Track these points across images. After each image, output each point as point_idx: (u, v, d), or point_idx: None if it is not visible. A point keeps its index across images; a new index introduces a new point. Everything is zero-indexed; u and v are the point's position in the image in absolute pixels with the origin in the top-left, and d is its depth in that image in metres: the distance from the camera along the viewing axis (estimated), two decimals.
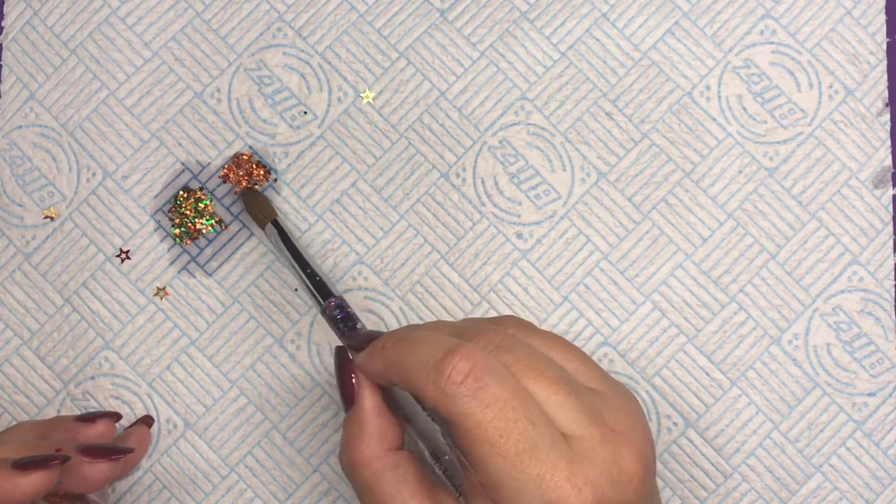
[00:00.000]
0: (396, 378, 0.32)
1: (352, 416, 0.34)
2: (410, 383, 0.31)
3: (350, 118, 0.43)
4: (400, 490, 0.33)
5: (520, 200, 0.43)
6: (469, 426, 0.30)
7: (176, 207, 0.43)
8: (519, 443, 0.30)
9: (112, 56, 0.44)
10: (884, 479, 0.41)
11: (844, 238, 0.42)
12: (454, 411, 0.30)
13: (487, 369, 0.30)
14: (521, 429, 0.30)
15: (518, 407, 0.30)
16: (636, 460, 0.32)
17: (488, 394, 0.30)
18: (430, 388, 0.31)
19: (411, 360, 0.32)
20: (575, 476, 0.30)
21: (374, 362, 0.34)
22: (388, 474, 0.33)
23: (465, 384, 0.30)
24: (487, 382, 0.30)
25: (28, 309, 0.43)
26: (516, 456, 0.30)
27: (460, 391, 0.30)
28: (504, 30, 0.43)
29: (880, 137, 0.42)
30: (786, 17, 0.43)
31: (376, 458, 0.33)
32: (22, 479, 0.33)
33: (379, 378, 0.34)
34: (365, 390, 0.34)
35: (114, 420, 0.39)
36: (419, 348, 0.32)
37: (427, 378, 0.31)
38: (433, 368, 0.31)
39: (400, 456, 0.34)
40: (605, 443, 0.31)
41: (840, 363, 0.42)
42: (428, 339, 0.32)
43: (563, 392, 0.32)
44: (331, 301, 0.38)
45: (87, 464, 0.36)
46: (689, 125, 0.43)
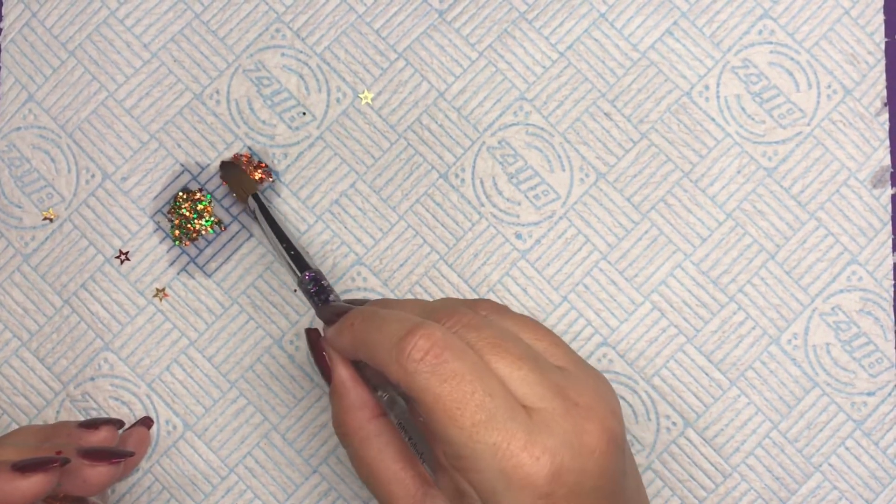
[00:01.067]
0: (363, 355, 0.34)
1: (332, 390, 0.36)
2: (375, 360, 0.33)
3: (349, 119, 0.43)
4: (383, 457, 0.34)
5: (519, 201, 0.43)
6: (428, 400, 0.31)
7: (175, 209, 0.43)
8: (475, 414, 0.31)
9: (111, 57, 0.44)
10: (883, 479, 0.41)
11: (843, 238, 0.42)
12: (415, 387, 0.31)
13: (447, 346, 0.32)
14: (477, 400, 0.31)
15: (475, 380, 0.31)
16: (600, 432, 0.32)
17: (446, 369, 0.31)
18: (393, 366, 0.32)
19: (376, 338, 0.33)
20: (533, 445, 0.31)
21: (342, 339, 0.35)
22: (373, 440, 0.34)
23: (425, 360, 0.31)
24: (446, 358, 0.31)
25: (27, 310, 0.43)
26: (472, 427, 0.31)
27: (420, 367, 0.31)
28: (503, 30, 0.43)
29: (879, 137, 0.42)
30: (784, 16, 0.43)
31: (361, 428, 0.35)
32: (22, 481, 0.34)
33: (348, 353, 0.35)
34: (338, 365, 0.36)
35: (116, 427, 0.39)
36: (384, 326, 0.33)
37: (390, 355, 0.32)
38: (395, 346, 0.32)
39: (383, 423, 0.35)
40: (568, 416, 0.32)
41: (839, 363, 0.42)
42: (393, 318, 0.33)
43: (526, 367, 0.32)
44: (306, 274, 0.38)
45: (88, 467, 0.36)
46: (688, 125, 0.43)
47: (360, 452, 0.35)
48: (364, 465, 0.35)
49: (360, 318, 0.35)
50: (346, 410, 0.35)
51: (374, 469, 0.34)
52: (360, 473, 0.35)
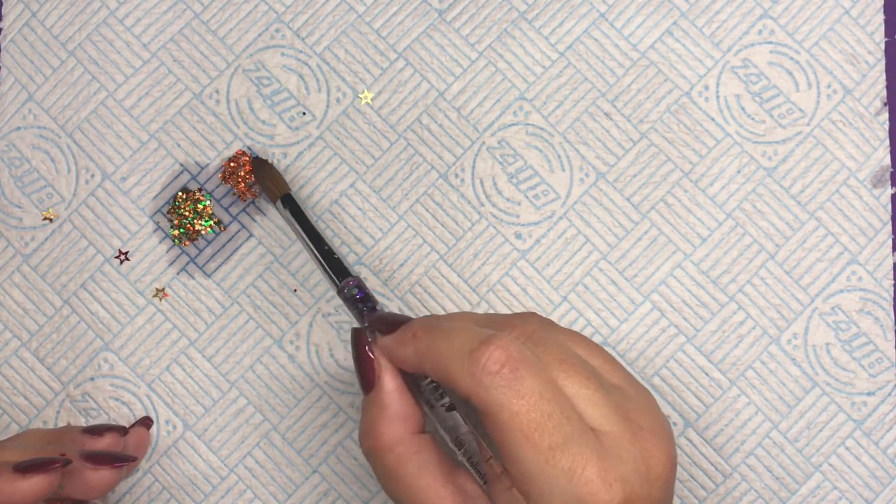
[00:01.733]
0: (429, 366, 0.32)
1: (373, 398, 0.34)
2: (444, 372, 0.31)
3: (349, 119, 0.43)
4: (423, 474, 0.32)
5: (518, 201, 0.43)
6: (503, 417, 0.30)
7: (175, 208, 0.43)
8: (553, 436, 0.30)
9: (111, 57, 0.44)
10: (883, 479, 0.41)
11: (843, 237, 0.42)
12: (489, 401, 0.30)
13: (523, 360, 0.30)
14: (555, 422, 0.30)
15: (553, 400, 0.30)
16: (664, 459, 0.32)
17: (524, 385, 0.30)
18: (465, 378, 0.30)
19: (445, 349, 0.31)
20: (606, 472, 0.30)
21: (404, 349, 0.33)
22: (412, 458, 0.33)
23: (501, 374, 0.30)
24: (523, 374, 0.30)
25: (27, 310, 0.43)
26: (549, 450, 0.30)
27: (496, 381, 0.30)
28: (502, 30, 0.43)
29: (879, 137, 0.42)
30: (784, 16, 0.43)
31: (399, 442, 0.33)
32: (23, 482, 0.34)
33: (408, 365, 0.33)
34: (387, 372, 0.34)
35: (121, 434, 0.39)
36: (453, 337, 0.32)
37: (462, 367, 0.31)
38: (468, 357, 0.31)
39: (423, 439, 0.33)
40: (635, 440, 0.31)
41: (839, 362, 0.42)
42: (462, 329, 0.32)
43: (592, 387, 0.31)
44: (349, 280, 0.37)
45: (90, 470, 0.36)
46: (688, 125, 0.43)
47: (394, 469, 0.33)
48: (399, 482, 0.33)
49: (423, 328, 0.33)
50: (386, 422, 0.33)
51: (412, 486, 0.32)
52: (391, 490, 0.33)
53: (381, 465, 0.33)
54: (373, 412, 0.34)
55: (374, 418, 0.34)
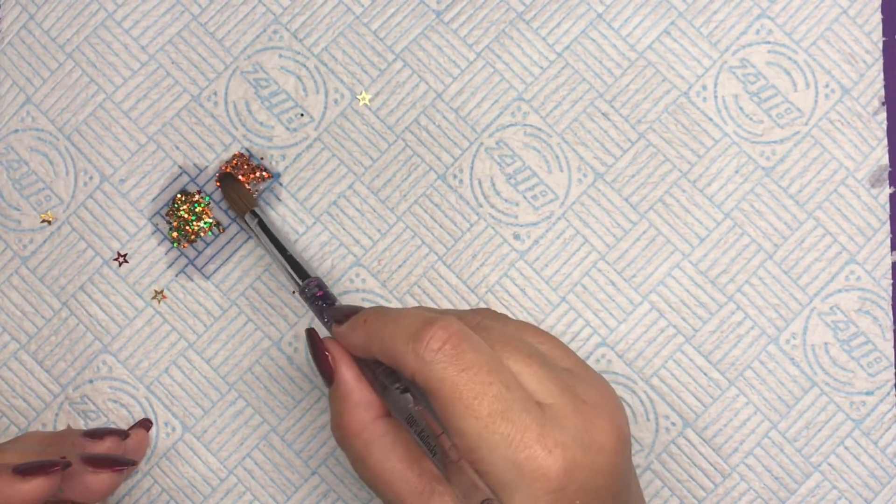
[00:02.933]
0: (377, 349, 0.33)
1: (334, 391, 0.35)
2: (390, 353, 0.32)
3: (347, 120, 0.43)
4: (389, 457, 0.34)
5: (517, 201, 0.43)
6: (444, 390, 0.31)
7: (173, 210, 0.43)
8: (492, 404, 0.31)
9: (108, 59, 0.44)
10: (882, 478, 0.41)
11: (841, 237, 0.42)
12: (431, 377, 0.31)
13: (464, 338, 0.32)
14: (494, 391, 0.31)
15: (493, 372, 0.31)
16: (609, 430, 0.32)
17: (465, 359, 0.31)
18: (410, 357, 0.32)
19: (392, 331, 0.33)
20: (545, 438, 0.31)
21: (356, 334, 0.35)
22: (377, 442, 0.34)
23: (443, 350, 0.31)
24: (464, 349, 0.31)
25: (25, 313, 0.43)
26: (489, 416, 0.31)
27: (437, 357, 0.31)
28: (500, 31, 0.43)
29: (877, 136, 0.42)
30: (782, 16, 0.43)
31: (364, 429, 0.34)
32: (23, 485, 0.34)
33: (360, 350, 0.35)
34: (342, 364, 0.35)
35: (121, 438, 0.40)
36: (400, 320, 0.33)
37: (406, 347, 0.32)
38: (412, 337, 0.32)
39: (387, 423, 0.34)
40: (577, 412, 0.32)
41: (838, 362, 0.42)
42: (409, 313, 0.33)
43: (535, 364, 0.33)
44: (310, 280, 0.38)
45: (91, 473, 0.37)
46: (686, 125, 0.43)
47: (362, 454, 0.34)
48: (367, 466, 0.34)
49: (373, 314, 0.34)
50: (348, 411, 0.35)
51: (379, 470, 0.34)
52: (362, 475, 0.35)
53: (351, 452, 0.34)
54: (337, 403, 0.35)
55: (338, 409, 0.35)
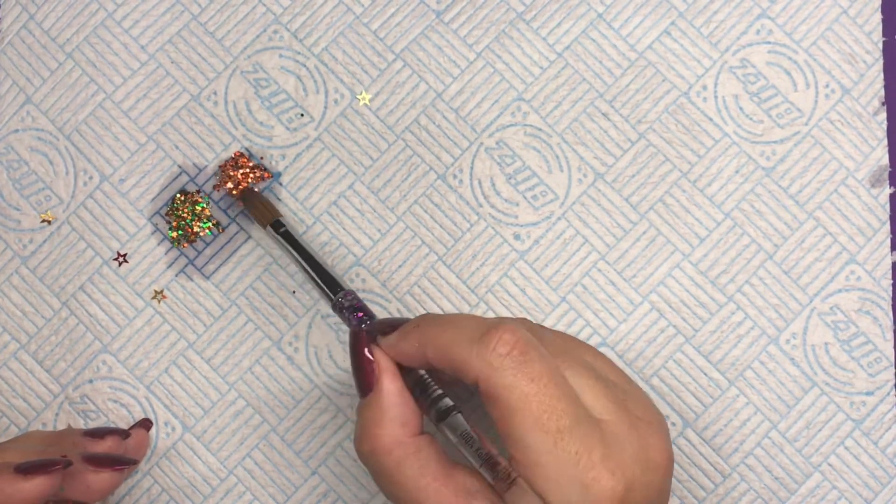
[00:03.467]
0: (433, 353, 0.32)
1: (371, 401, 0.33)
2: (450, 357, 0.31)
3: (347, 120, 0.43)
4: (423, 474, 0.32)
5: (517, 201, 0.43)
6: (513, 400, 0.30)
7: (173, 210, 0.43)
8: (561, 419, 0.30)
9: (108, 59, 0.44)
10: (882, 478, 0.41)
11: (842, 237, 0.42)
12: (499, 383, 0.30)
13: (530, 345, 0.31)
14: (563, 406, 0.30)
15: (559, 384, 0.30)
16: (662, 449, 0.32)
17: (533, 368, 0.30)
18: (474, 361, 0.30)
19: (452, 334, 0.32)
20: (609, 458, 0.30)
21: (407, 341, 0.33)
22: (411, 459, 0.32)
23: (511, 356, 0.30)
24: (531, 357, 0.30)
25: (25, 313, 0.43)
26: (558, 433, 0.30)
27: (505, 363, 0.30)
28: (500, 31, 0.43)
29: (877, 136, 0.42)
30: (782, 16, 0.43)
31: (399, 445, 0.33)
32: (24, 483, 0.34)
33: (410, 357, 0.33)
34: (387, 374, 0.33)
35: (122, 437, 0.40)
36: (460, 323, 0.32)
37: (470, 350, 0.31)
38: (478, 341, 0.31)
39: (422, 440, 0.33)
40: (633, 430, 0.31)
41: (838, 362, 0.42)
42: (467, 317, 0.33)
43: (592, 378, 0.32)
44: (345, 293, 0.37)
45: (91, 472, 0.37)
46: (686, 125, 0.43)
47: (392, 471, 0.33)
48: (399, 484, 0.32)
49: (427, 319, 0.33)
50: (383, 425, 0.33)
51: (412, 488, 0.32)
52: (390, 491, 0.33)
53: (380, 468, 0.33)
54: (371, 415, 0.33)
55: (372, 421, 0.33)
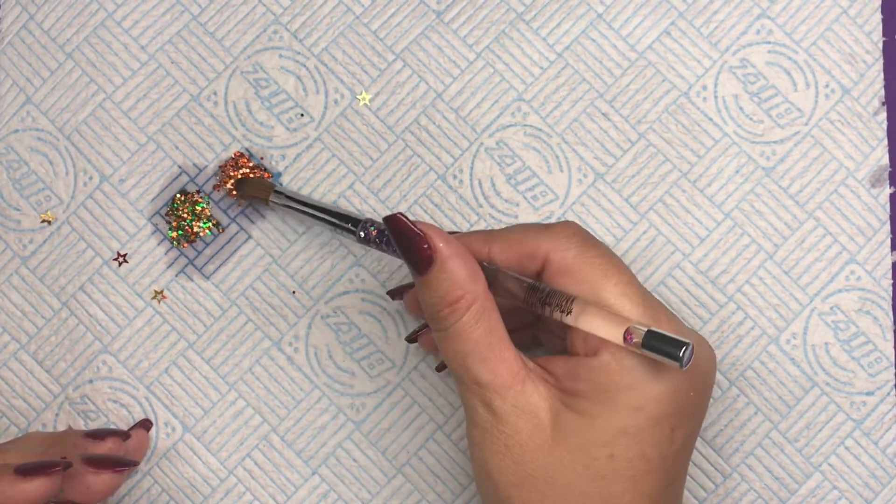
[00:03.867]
0: (500, 247, 0.35)
1: (438, 267, 0.33)
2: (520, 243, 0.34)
3: (347, 120, 0.43)
4: (492, 334, 0.33)
5: (517, 202, 0.43)
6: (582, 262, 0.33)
7: (173, 210, 0.43)
8: (630, 277, 0.34)
9: (108, 59, 0.44)
10: (882, 478, 0.41)
11: (842, 237, 0.42)
12: (570, 255, 0.34)
13: (589, 234, 0.35)
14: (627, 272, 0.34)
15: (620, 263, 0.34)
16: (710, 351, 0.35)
17: (596, 245, 0.34)
18: (545, 240, 0.34)
19: (519, 229, 0.35)
20: (671, 320, 0.33)
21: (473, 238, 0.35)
22: (484, 317, 0.33)
23: (577, 235, 0.34)
24: (594, 241, 0.35)
25: (25, 313, 0.43)
26: (627, 285, 0.33)
27: (573, 239, 0.34)
28: (500, 31, 0.43)
29: (877, 136, 0.42)
30: (782, 16, 0.43)
31: (475, 299, 0.33)
32: (24, 485, 0.34)
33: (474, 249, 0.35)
34: (441, 238, 0.33)
35: (122, 439, 0.39)
36: (522, 224, 0.37)
37: (539, 234, 0.34)
38: (546, 228, 0.35)
39: (491, 298, 0.34)
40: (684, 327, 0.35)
41: (838, 362, 0.42)
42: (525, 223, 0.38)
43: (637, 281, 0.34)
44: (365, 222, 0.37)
45: (92, 474, 0.36)
46: (686, 125, 0.43)
47: (468, 328, 0.33)
48: (469, 340, 0.33)
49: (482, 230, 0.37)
50: (459, 284, 0.33)
51: (484, 344, 0.33)
52: (459, 350, 0.33)
53: (457, 326, 0.33)
54: (443, 281, 0.33)
55: (448, 284, 0.33)
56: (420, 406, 0.42)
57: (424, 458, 0.42)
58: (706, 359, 0.34)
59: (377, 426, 0.42)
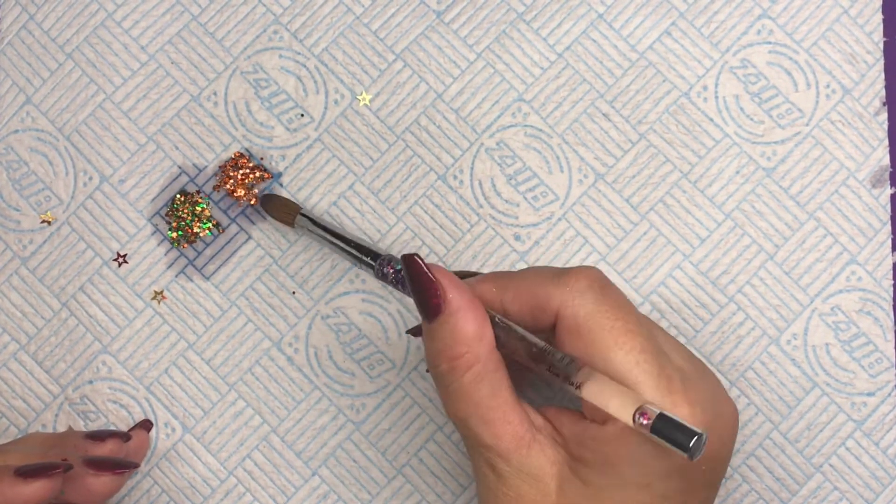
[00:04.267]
0: (512, 295, 0.33)
1: (443, 320, 0.32)
2: (531, 294, 0.32)
3: (347, 120, 0.43)
4: (496, 395, 0.32)
5: (517, 202, 0.43)
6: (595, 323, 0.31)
7: (173, 211, 0.43)
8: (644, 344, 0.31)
9: (108, 60, 0.43)
10: (883, 479, 0.41)
11: (842, 238, 0.42)
12: (581, 311, 0.31)
13: (608, 282, 0.33)
14: (644, 333, 0.31)
15: (638, 318, 0.32)
16: (730, 406, 0.33)
17: (613, 299, 0.32)
18: (555, 293, 0.32)
19: (532, 277, 0.33)
20: (688, 392, 0.31)
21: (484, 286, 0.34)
22: (488, 378, 0.32)
23: (592, 288, 0.32)
24: (611, 292, 0.32)
25: (25, 313, 0.43)
26: (641, 353, 0.31)
27: (587, 293, 0.32)
28: (500, 31, 0.43)
29: (878, 137, 0.42)
30: (783, 16, 0.43)
31: (478, 360, 0.32)
32: (24, 487, 0.34)
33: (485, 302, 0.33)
34: (454, 290, 0.32)
35: (123, 440, 0.39)
36: (537, 269, 0.34)
37: (553, 283, 0.32)
38: (559, 277, 0.32)
39: (497, 358, 0.32)
40: (706, 381, 0.33)
41: (839, 363, 0.42)
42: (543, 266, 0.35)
43: (660, 329, 0.33)
44: (383, 258, 0.37)
45: (92, 476, 0.36)
46: (687, 126, 0.43)
47: (469, 389, 0.32)
48: (472, 402, 0.32)
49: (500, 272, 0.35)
50: (462, 341, 0.31)
51: (485, 407, 0.32)
52: (459, 411, 0.32)
53: (456, 386, 0.32)
54: (448, 331, 0.32)
55: (450, 337, 0.32)
56: (420, 406, 0.42)
57: (424, 459, 0.42)
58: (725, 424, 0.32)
59: (377, 427, 0.42)
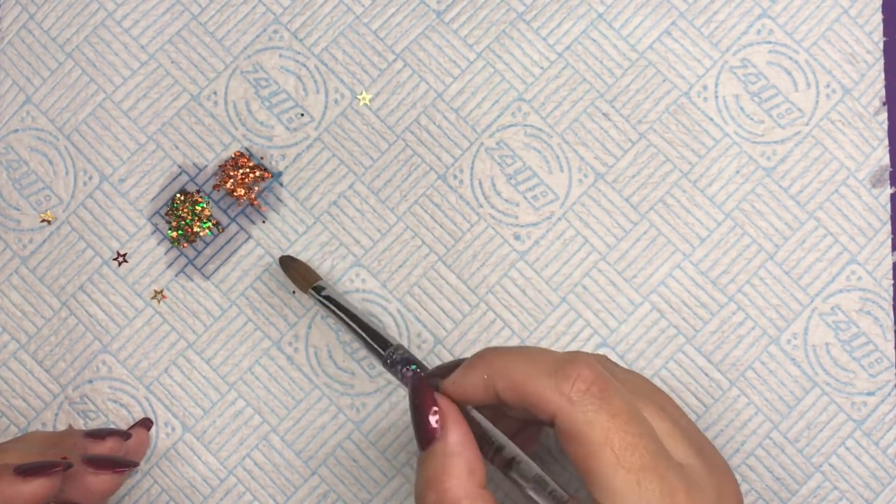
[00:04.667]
0: (504, 386, 0.31)
1: (436, 451, 0.31)
2: (525, 391, 0.30)
3: (347, 120, 0.43)
4: None
5: (517, 202, 0.43)
6: (595, 436, 0.29)
7: (173, 210, 0.43)
8: (643, 457, 0.29)
9: (108, 59, 0.43)
10: (883, 479, 0.41)
11: (842, 237, 0.42)
12: (578, 420, 0.29)
13: (609, 381, 0.30)
14: (645, 444, 0.29)
15: (639, 422, 0.29)
16: (736, 494, 0.31)
17: (613, 405, 0.29)
18: (552, 395, 0.29)
19: (525, 368, 0.30)
20: (693, 500, 0.29)
21: (473, 374, 0.32)
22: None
23: (591, 392, 0.29)
24: (611, 394, 0.29)
25: (25, 313, 0.43)
26: (641, 471, 0.29)
27: (585, 399, 0.29)
28: (500, 31, 0.43)
29: (878, 136, 0.42)
30: (783, 16, 0.43)
31: (467, 496, 0.31)
32: (24, 485, 0.34)
33: (477, 392, 0.32)
34: (452, 422, 0.31)
35: (123, 439, 0.39)
36: (532, 356, 0.31)
37: (548, 384, 0.30)
38: (556, 374, 0.30)
39: (487, 494, 0.31)
40: (711, 475, 0.31)
41: (839, 362, 0.42)
42: (538, 349, 0.31)
43: (668, 421, 0.31)
44: (396, 347, 0.37)
45: (91, 474, 0.36)
46: (687, 125, 0.43)
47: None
48: None
49: (493, 352, 0.32)
50: (452, 475, 0.31)
51: None
52: None
53: None
54: (439, 464, 0.31)
55: (440, 470, 0.31)
56: None
57: None
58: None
59: (377, 426, 0.42)
